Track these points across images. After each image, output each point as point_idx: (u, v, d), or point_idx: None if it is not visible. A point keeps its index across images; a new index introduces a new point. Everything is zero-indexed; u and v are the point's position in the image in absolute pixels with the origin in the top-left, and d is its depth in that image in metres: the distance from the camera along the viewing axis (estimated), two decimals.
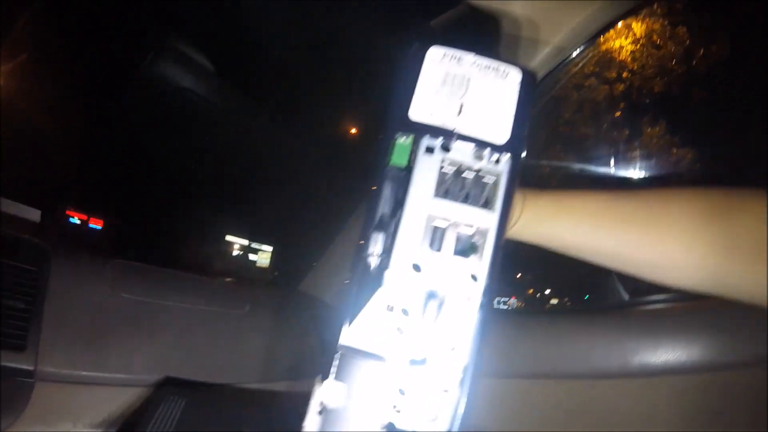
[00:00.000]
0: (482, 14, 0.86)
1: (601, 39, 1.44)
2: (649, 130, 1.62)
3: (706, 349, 0.85)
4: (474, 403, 0.34)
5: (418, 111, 0.37)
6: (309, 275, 1.30)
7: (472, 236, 0.35)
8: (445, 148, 0.36)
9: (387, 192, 0.37)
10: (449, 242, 0.35)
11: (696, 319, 0.88)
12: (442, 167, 0.36)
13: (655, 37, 1.54)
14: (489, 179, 0.36)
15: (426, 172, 0.36)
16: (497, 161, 0.36)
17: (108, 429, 0.81)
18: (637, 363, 0.86)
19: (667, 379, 0.86)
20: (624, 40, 1.48)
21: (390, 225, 0.36)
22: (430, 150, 0.36)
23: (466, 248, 0.35)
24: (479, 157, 0.36)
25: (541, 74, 0.96)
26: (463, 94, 0.37)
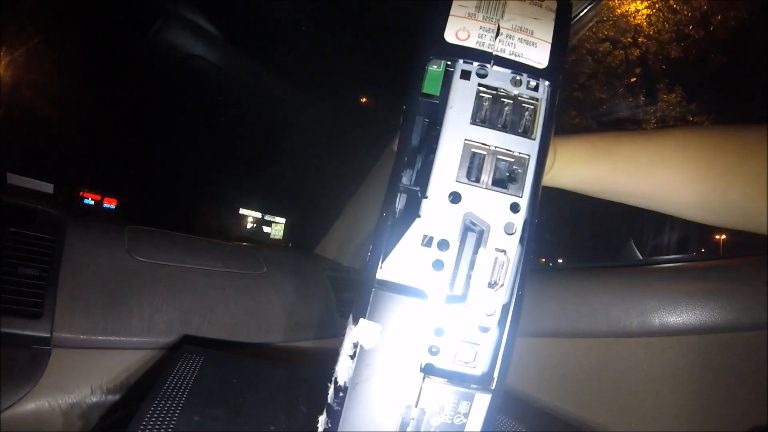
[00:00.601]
0: None
1: (616, 2, 1.41)
2: (665, 96, 1.59)
3: (726, 309, 0.83)
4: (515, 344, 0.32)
5: (454, 34, 0.34)
6: (324, 239, 1.31)
7: (511, 165, 0.33)
8: (482, 74, 0.34)
9: (420, 121, 0.34)
10: (488, 171, 0.33)
11: (716, 278, 0.87)
12: (478, 92, 0.33)
13: (671, 1, 1.50)
14: (528, 106, 0.34)
15: (462, 97, 0.33)
16: (536, 88, 0.34)
17: (126, 392, 0.81)
18: (657, 322, 0.85)
19: (686, 338, 0.85)
20: (639, 4, 1.45)
21: (425, 154, 0.34)
22: (465, 75, 0.34)
23: (506, 178, 0.33)
24: (517, 83, 0.34)
25: None
26: (500, 18, 0.34)
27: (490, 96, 0.33)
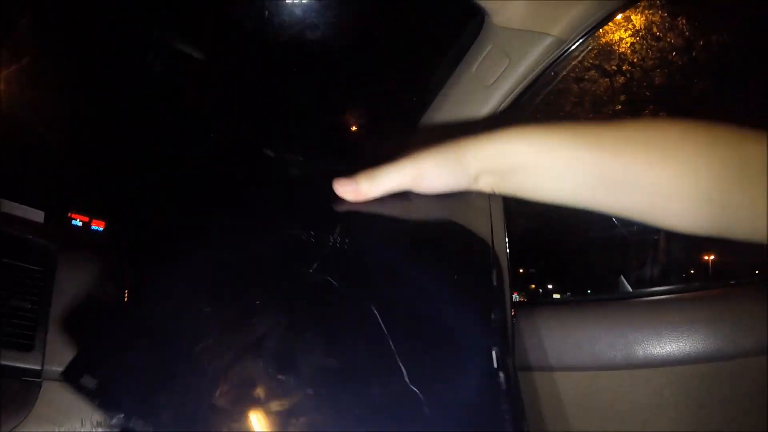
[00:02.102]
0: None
1: (601, 32, 1.44)
2: None
3: (709, 338, 0.85)
4: None
5: None
6: None
7: None
8: None
9: None
10: None
11: (698, 309, 0.89)
12: None
13: (654, 28, 1.54)
14: None
15: None
16: None
17: (116, 426, 0.81)
18: (641, 354, 0.86)
19: (671, 369, 0.86)
20: (623, 32, 1.48)
21: None
22: None
23: None
24: None
25: (541, 66, 0.95)
26: None
27: None
